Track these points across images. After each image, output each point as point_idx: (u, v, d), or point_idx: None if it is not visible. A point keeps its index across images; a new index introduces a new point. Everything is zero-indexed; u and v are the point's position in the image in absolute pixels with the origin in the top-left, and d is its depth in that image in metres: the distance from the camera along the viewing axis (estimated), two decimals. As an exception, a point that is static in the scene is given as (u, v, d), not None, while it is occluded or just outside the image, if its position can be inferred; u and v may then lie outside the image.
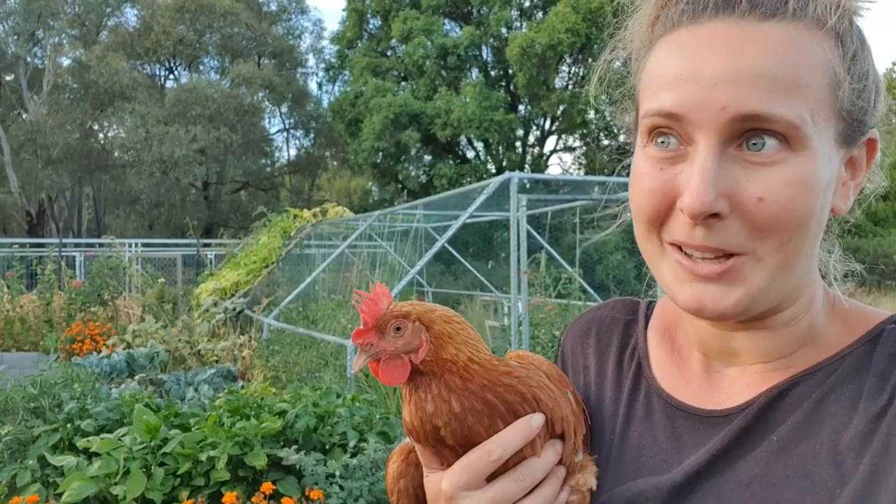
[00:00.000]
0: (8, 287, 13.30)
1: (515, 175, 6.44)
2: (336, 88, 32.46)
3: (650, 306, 0.99)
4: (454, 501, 0.79)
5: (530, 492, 0.79)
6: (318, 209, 12.07)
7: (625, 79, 0.89)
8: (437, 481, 0.81)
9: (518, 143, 27.84)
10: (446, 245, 8.36)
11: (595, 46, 22.27)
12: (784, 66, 0.68)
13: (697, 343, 0.86)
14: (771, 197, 0.68)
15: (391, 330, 0.79)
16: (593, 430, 0.90)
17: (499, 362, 0.82)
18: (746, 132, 0.69)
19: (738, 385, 0.81)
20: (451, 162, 27.01)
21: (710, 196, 0.68)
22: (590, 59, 24.33)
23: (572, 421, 0.84)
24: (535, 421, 0.79)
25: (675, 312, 0.92)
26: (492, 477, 0.78)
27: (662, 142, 0.74)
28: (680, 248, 0.74)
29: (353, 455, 3.76)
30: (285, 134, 37.72)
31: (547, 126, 28.57)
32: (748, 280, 0.71)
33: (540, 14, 26.95)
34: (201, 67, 35.80)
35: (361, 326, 0.79)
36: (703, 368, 0.86)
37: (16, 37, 30.40)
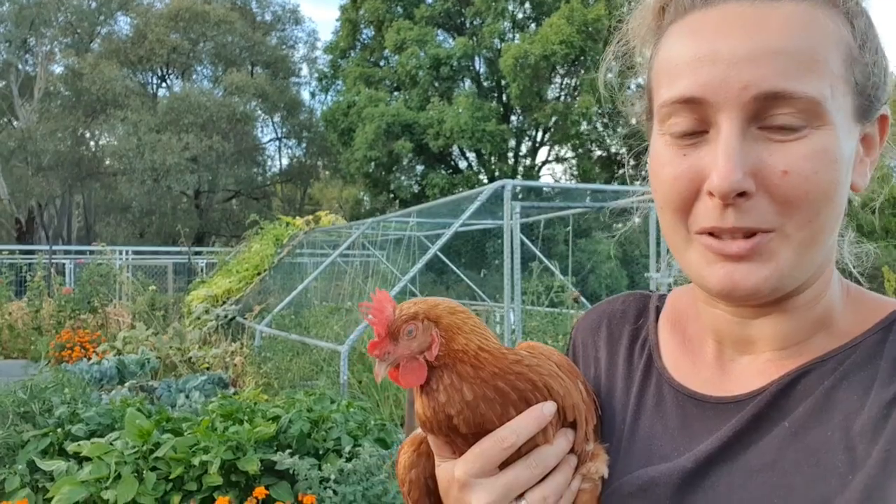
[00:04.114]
0: (-3, 294, 13.20)
1: (509, 182, 6.43)
2: (329, 98, 32.54)
3: (661, 299, 0.99)
4: (467, 488, 0.78)
5: (543, 479, 0.79)
6: (310, 217, 12.06)
7: (632, 71, 0.88)
8: (450, 469, 0.80)
9: (510, 154, 27.92)
10: (438, 253, 8.36)
11: (589, 58, 22.39)
12: (802, 42, 0.69)
13: (712, 332, 0.86)
14: (795, 169, 0.68)
15: (404, 335, 0.79)
16: (604, 420, 0.90)
17: (508, 351, 0.82)
18: (768, 110, 0.69)
19: (751, 373, 0.81)
20: (443, 172, 27.03)
21: (738, 175, 0.68)
22: (582, 71, 24.46)
23: (583, 410, 0.84)
24: (547, 409, 0.79)
25: (687, 304, 0.92)
26: (504, 464, 0.78)
27: (682, 129, 0.73)
28: (709, 233, 0.73)
29: (348, 460, 3.74)
30: (278, 143, 37.75)
31: (539, 137, 28.68)
32: (776, 257, 0.71)
33: (533, 26, 27.11)
34: (194, 76, 35.80)
35: (375, 338, 0.79)
36: (715, 357, 0.85)
37: (7, 44, 30.31)
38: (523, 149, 28.85)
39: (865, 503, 0.67)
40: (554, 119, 25.91)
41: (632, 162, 0.99)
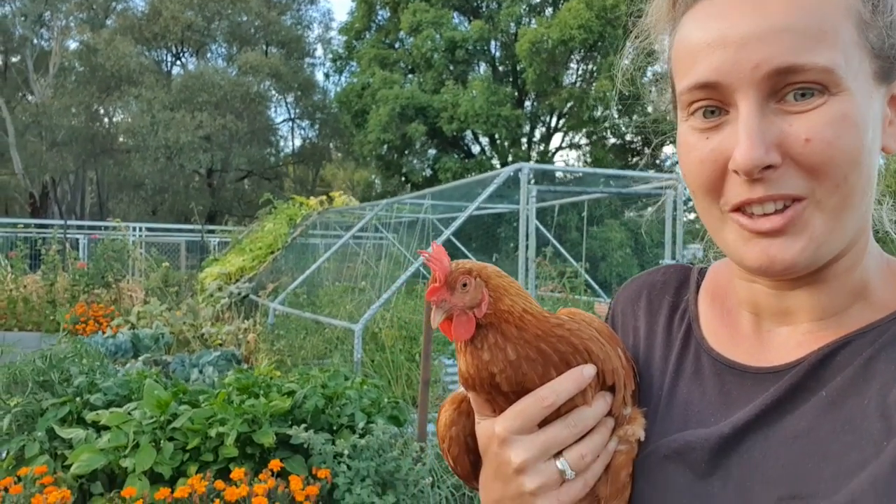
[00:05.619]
0: (12, 266, 13.32)
1: (526, 166, 6.42)
2: (343, 79, 32.45)
3: (702, 272, 1.00)
4: (507, 444, 0.80)
5: (581, 439, 0.81)
6: (324, 197, 12.07)
7: (651, 64, 0.90)
8: (490, 426, 0.82)
9: (524, 139, 27.81)
10: (451, 237, 8.35)
11: (607, 43, 22.19)
12: (807, 15, 0.70)
13: (749, 304, 0.87)
14: (817, 136, 0.70)
15: (459, 286, 0.81)
16: (642, 387, 0.92)
17: (550, 315, 0.84)
18: (784, 86, 0.71)
19: (790, 344, 0.82)
20: (455, 156, 26.97)
21: (760, 150, 0.70)
22: (598, 57, 24.26)
23: (622, 374, 0.85)
24: (587, 371, 0.80)
25: (727, 277, 0.93)
26: (543, 423, 0.80)
27: (704, 112, 0.76)
28: (741, 210, 0.75)
29: (361, 436, 3.78)
30: (291, 124, 37.76)
31: (553, 122, 28.54)
32: (810, 226, 0.72)
33: (549, 10, 26.90)
34: (209, 54, 35.77)
35: (436, 284, 0.82)
36: (753, 329, 0.87)
37: (23, 18, 30.34)
38: (537, 134, 28.73)
39: None
40: (569, 104, 25.76)
41: (647, 150, 1.00)
